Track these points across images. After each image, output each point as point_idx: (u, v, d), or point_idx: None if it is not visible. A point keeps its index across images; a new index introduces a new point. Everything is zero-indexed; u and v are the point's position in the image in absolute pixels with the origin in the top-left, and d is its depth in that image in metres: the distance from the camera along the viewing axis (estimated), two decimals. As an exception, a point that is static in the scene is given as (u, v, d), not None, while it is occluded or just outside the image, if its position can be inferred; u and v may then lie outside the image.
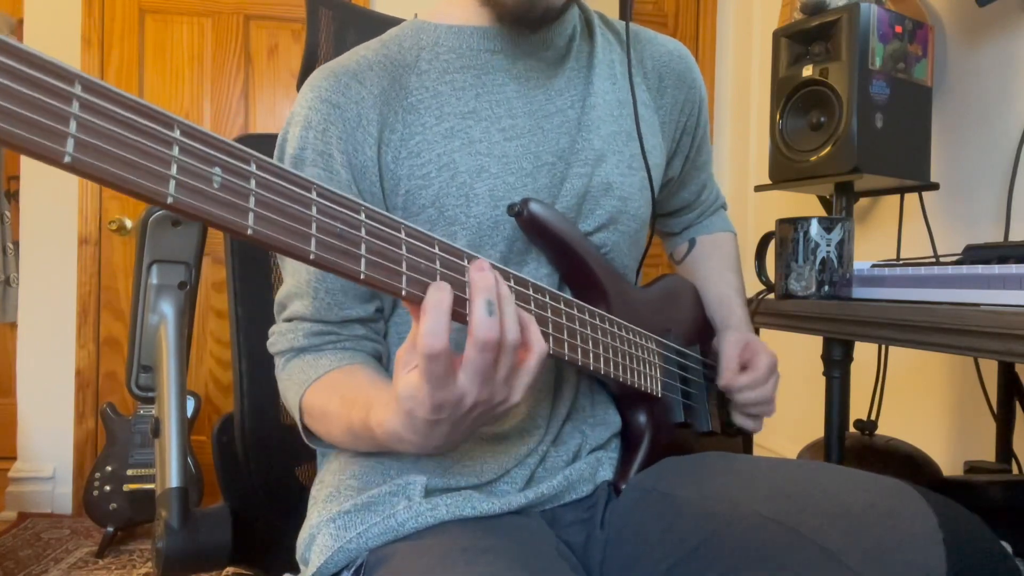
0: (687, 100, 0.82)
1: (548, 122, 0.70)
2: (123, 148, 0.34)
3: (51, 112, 0.32)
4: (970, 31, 1.51)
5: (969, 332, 0.79)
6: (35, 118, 0.31)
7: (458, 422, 0.50)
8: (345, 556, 0.60)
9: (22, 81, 0.31)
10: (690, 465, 0.69)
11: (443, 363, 0.46)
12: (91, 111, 0.33)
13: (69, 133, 0.32)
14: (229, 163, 0.38)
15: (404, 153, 0.66)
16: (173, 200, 0.36)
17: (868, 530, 0.51)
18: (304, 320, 0.68)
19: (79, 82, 0.33)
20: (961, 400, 1.57)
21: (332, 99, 0.65)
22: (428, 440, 0.51)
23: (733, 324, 0.84)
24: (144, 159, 0.35)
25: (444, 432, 0.51)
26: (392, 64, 0.68)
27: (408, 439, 0.52)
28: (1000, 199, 1.41)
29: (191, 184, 0.36)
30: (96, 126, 0.33)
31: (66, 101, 0.32)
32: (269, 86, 2.44)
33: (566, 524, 0.67)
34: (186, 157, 0.36)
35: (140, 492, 2.00)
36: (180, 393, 0.96)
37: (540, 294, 0.57)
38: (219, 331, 2.42)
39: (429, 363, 0.46)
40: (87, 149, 0.33)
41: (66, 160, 0.32)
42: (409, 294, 0.47)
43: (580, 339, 0.61)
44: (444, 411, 0.48)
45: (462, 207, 0.66)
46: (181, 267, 1.09)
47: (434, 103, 0.67)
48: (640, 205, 0.75)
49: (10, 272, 2.81)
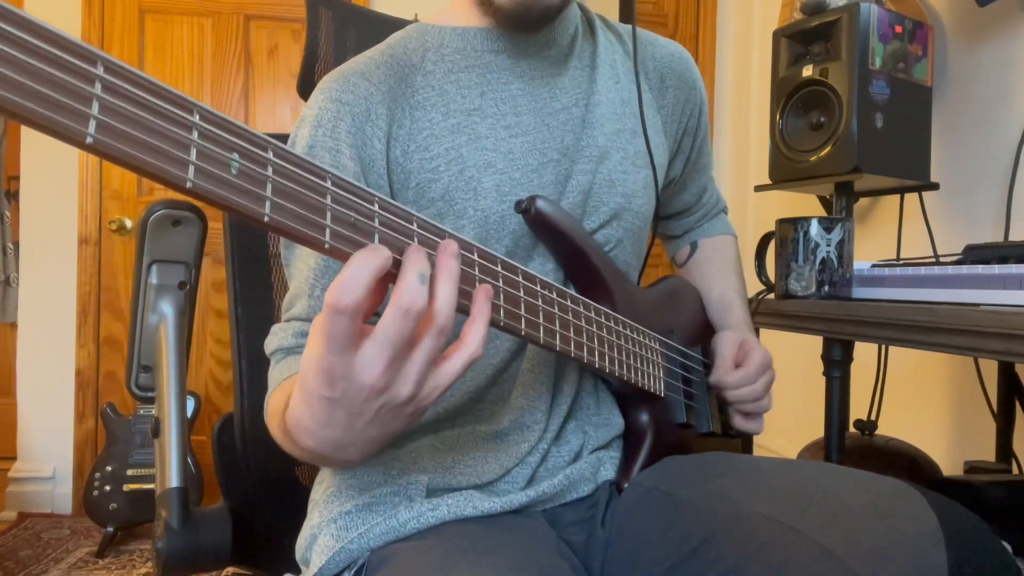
0: (688, 101, 0.82)
1: (553, 119, 0.71)
2: (144, 131, 0.34)
3: (74, 92, 0.31)
4: (970, 31, 1.51)
5: (969, 332, 0.79)
6: (58, 98, 0.31)
7: (356, 412, 0.44)
8: (347, 556, 0.60)
9: (46, 60, 0.31)
10: (691, 465, 0.69)
11: (347, 323, 0.40)
12: (113, 92, 0.33)
13: (91, 114, 0.32)
14: (247, 149, 0.38)
15: (413, 147, 0.66)
16: (192, 185, 0.35)
17: (869, 530, 0.51)
18: (298, 320, 0.67)
19: (101, 63, 0.32)
20: (961, 400, 1.57)
21: (341, 97, 0.66)
22: (325, 429, 0.45)
23: (732, 324, 0.85)
24: (164, 143, 0.34)
25: (341, 421, 0.45)
26: (398, 64, 0.69)
27: (305, 423, 0.46)
28: (1000, 199, 1.41)
29: (209, 169, 0.36)
30: (118, 108, 0.33)
31: (89, 82, 0.32)
32: (269, 86, 2.44)
33: (567, 524, 0.68)
34: (205, 142, 0.36)
35: (140, 492, 2.00)
36: (180, 393, 0.96)
37: (547, 290, 0.57)
38: (219, 331, 2.42)
39: (332, 318, 0.40)
40: (108, 131, 0.32)
41: (88, 141, 0.32)
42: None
43: (586, 336, 0.61)
44: (338, 385, 0.42)
45: (470, 201, 0.66)
46: (181, 267, 1.09)
47: (440, 100, 0.68)
48: (643, 203, 0.75)
49: (10, 272, 2.81)
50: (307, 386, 0.44)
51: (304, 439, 0.48)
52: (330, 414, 0.44)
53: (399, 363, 0.43)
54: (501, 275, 0.52)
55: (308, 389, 0.44)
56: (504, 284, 0.52)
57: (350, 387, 0.42)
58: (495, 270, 0.52)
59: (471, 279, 0.49)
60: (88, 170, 2.37)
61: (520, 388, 0.69)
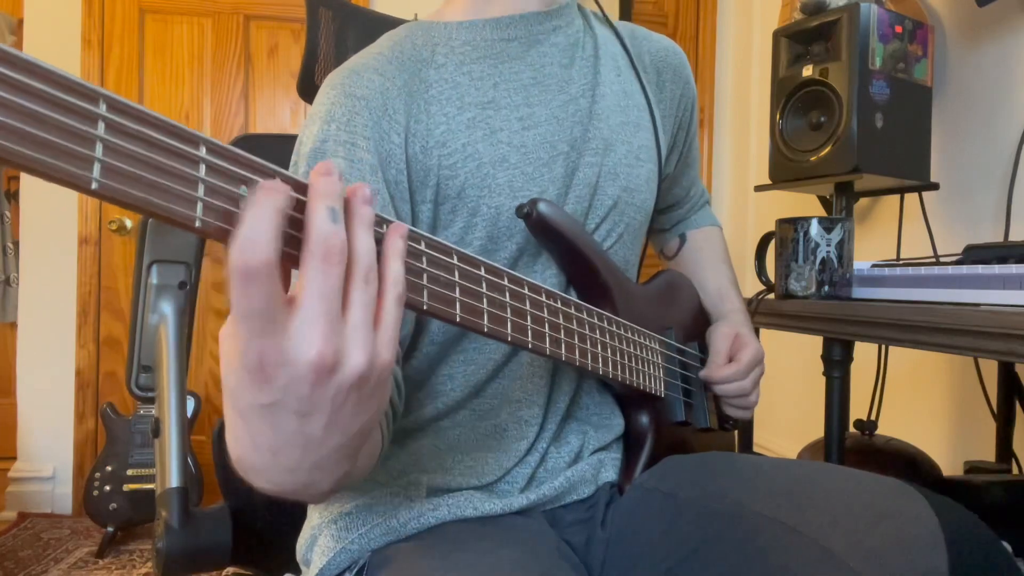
0: (683, 95, 0.84)
1: (563, 111, 0.71)
2: (150, 170, 0.32)
3: (76, 135, 0.29)
4: (970, 31, 1.51)
5: (969, 332, 0.79)
6: (60, 142, 0.29)
7: (306, 411, 0.35)
8: (347, 557, 0.60)
9: (45, 103, 0.29)
10: (692, 465, 0.69)
11: (265, 286, 0.32)
12: (116, 132, 0.31)
13: (95, 157, 0.30)
14: (255, 180, 0.36)
15: (432, 143, 0.65)
16: (201, 224, 0.33)
17: (870, 530, 0.51)
18: None
19: (103, 100, 0.31)
20: (961, 400, 1.57)
21: (356, 92, 0.64)
22: (277, 456, 0.37)
23: (727, 315, 0.86)
24: (171, 180, 0.33)
25: (291, 433, 0.36)
26: (409, 60, 0.68)
27: (251, 459, 0.38)
28: (1000, 199, 1.41)
29: (218, 205, 0.34)
30: (122, 148, 0.31)
31: (92, 123, 0.30)
32: (269, 86, 2.44)
33: (567, 524, 0.68)
34: (212, 177, 0.34)
35: (140, 492, 2.00)
36: (180, 393, 0.96)
37: (552, 299, 0.58)
38: (219, 331, 2.41)
39: (245, 287, 0.32)
40: (114, 173, 0.31)
41: (93, 187, 0.30)
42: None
43: (590, 343, 0.62)
44: (274, 378, 0.34)
45: (484, 197, 0.66)
46: (181, 267, 1.09)
47: (454, 93, 0.67)
48: (646, 197, 0.76)
49: (10, 272, 2.81)
50: (238, 405, 0.36)
51: (257, 480, 0.39)
52: (276, 429, 0.35)
53: (338, 325, 0.34)
54: (508, 289, 0.53)
55: (241, 408, 0.36)
56: (511, 299, 0.52)
57: (291, 374, 0.34)
58: (502, 284, 0.52)
59: (478, 295, 0.49)
60: (88, 170, 2.37)
61: (518, 382, 0.69)
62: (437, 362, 0.68)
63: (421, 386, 0.68)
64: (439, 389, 0.68)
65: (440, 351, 0.68)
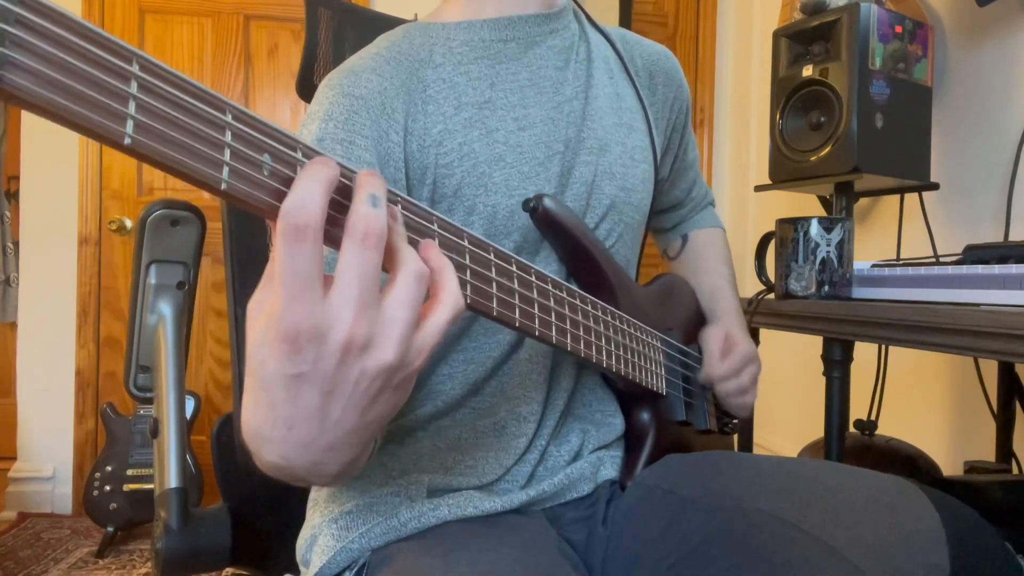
0: (676, 99, 0.84)
1: (557, 112, 0.71)
2: (179, 131, 0.33)
3: (112, 92, 0.30)
4: (970, 31, 1.51)
5: (969, 332, 0.79)
6: (97, 97, 0.30)
7: (329, 389, 0.36)
8: (347, 556, 0.60)
9: (83, 58, 0.29)
10: (693, 463, 0.69)
11: (312, 249, 0.33)
12: (148, 92, 0.32)
13: (129, 114, 0.31)
14: (277, 149, 0.37)
15: (428, 142, 0.66)
16: (227, 187, 0.34)
17: (871, 526, 0.51)
18: None
19: (136, 60, 0.31)
20: (961, 400, 1.57)
21: (354, 92, 0.64)
22: (292, 430, 0.37)
23: (719, 312, 0.86)
24: (199, 143, 0.34)
25: (311, 408, 0.36)
26: (406, 60, 0.69)
27: (266, 430, 0.38)
28: (1000, 199, 1.41)
29: (243, 170, 0.35)
30: (154, 107, 0.32)
31: (125, 81, 0.31)
32: (269, 86, 2.44)
33: (568, 522, 0.68)
34: (238, 143, 0.35)
35: (140, 492, 2.00)
36: (179, 393, 0.96)
37: (559, 289, 0.58)
38: (219, 331, 2.42)
39: (293, 247, 0.33)
40: (146, 131, 0.32)
41: (126, 142, 0.31)
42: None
43: (595, 336, 0.62)
44: (305, 349, 0.34)
45: (480, 196, 0.66)
46: (180, 267, 1.09)
47: (451, 93, 0.68)
48: (642, 197, 0.76)
49: (10, 272, 2.82)
50: (263, 374, 0.36)
51: (267, 453, 0.40)
52: (297, 402, 0.36)
53: (372, 311, 0.35)
54: (516, 275, 0.53)
55: (265, 378, 0.36)
56: (519, 285, 0.52)
57: (321, 347, 0.34)
58: (510, 270, 0.52)
59: (488, 279, 0.49)
60: (88, 170, 2.37)
61: (516, 379, 0.69)
62: (437, 362, 0.68)
63: (421, 386, 0.68)
64: (439, 388, 0.68)
65: (441, 351, 0.68)
